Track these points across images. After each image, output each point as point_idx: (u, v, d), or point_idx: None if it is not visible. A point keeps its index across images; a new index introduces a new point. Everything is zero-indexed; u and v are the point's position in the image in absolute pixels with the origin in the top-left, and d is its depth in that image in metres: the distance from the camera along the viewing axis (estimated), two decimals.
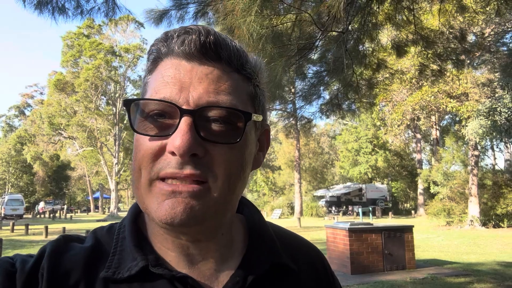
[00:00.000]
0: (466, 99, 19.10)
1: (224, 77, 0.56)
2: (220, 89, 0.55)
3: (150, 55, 0.60)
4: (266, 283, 0.62)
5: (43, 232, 16.57)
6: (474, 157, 20.85)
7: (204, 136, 0.52)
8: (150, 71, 0.60)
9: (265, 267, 0.62)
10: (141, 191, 0.55)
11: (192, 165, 0.52)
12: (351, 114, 7.07)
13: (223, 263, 0.62)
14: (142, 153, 0.54)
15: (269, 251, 0.65)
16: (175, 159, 0.52)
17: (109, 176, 38.59)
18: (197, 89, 0.54)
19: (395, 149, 39.09)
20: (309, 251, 0.75)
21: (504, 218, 19.69)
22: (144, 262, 0.57)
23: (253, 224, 0.69)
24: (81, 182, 57.67)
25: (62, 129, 39.00)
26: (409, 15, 5.16)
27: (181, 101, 0.53)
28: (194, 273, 0.59)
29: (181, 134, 0.50)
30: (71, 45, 37.87)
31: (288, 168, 43.93)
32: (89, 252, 0.60)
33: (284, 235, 0.74)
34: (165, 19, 4.74)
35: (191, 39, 0.55)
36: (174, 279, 0.57)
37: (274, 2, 2.82)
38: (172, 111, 0.53)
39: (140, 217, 0.66)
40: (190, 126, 0.51)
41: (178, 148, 0.50)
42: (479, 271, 8.40)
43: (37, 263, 0.57)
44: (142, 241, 0.61)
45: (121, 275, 0.57)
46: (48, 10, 3.61)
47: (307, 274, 0.69)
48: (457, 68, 7.88)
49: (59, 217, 34.72)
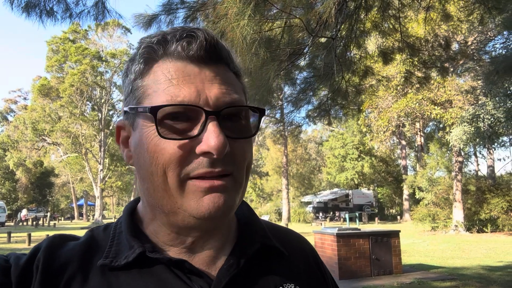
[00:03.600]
0: (450, 106, 19.45)
1: (227, 77, 0.59)
2: (229, 89, 0.58)
3: (140, 57, 0.59)
4: (258, 264, 0.65)
5: (26, 240, 16.22)
6: (458, 163, 21.20)
7: (227, 135, 0.55)
8: (142, 75, 0.59)
9: (256, 246, 0.65)
10: (171, 193, 0.56)
11: (221, 162, 0.55)
12: (338, 120, 7.14)
13: (219, 251, 0.64)
14: (168, 157, 0.55)
15: (259, 235, 0.68)
16: (206, 159, 0.54)
17: (94, 183, 38.01)
18: (212, 90, 0.56)
19: (380, 155, 39.51)
20: (299, 241, 0.78)
21: (488, 223, 20.03)
22: (141, 249, 0.58)
23: (243, 214, 0.72)
24: (65, 189, 56.66)
25: (46, 135, 38.31)
26: (395, 23, 5.26)
27: (201, 103, 0.55)
28: (192, 259, 0.61)
29: (215, 136, 0.53)
30: (56, 50, 37.35)
31: (275, 174, 44.01)
32: (85, 247, 0.61)
33: (275, 227, 0.77)
34: (154, 23, 4.72)
35: (199, 42, 0.57)
36: (171, 264, 0.58)
37: (267, 7, 2.85)
38: (194, 113, 0.55)
39: (135, 214, 0.67)
40: (219, 126, 0.54)
41: (215, 148, 0.53)
42: (464, 275, 8.52)
43: (32, 257, 0.58)
44: (139, 233, 0.63)
45: (119, 263, 0.58)
46: (36, 13, 3.57)
47: (298, 258, 0.72)
48: (441, 75, 8.03)
49: (42, 225, 34.04)
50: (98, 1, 3.79)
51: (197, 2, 4.53)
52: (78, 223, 40.42)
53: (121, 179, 47.03)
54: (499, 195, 19.49)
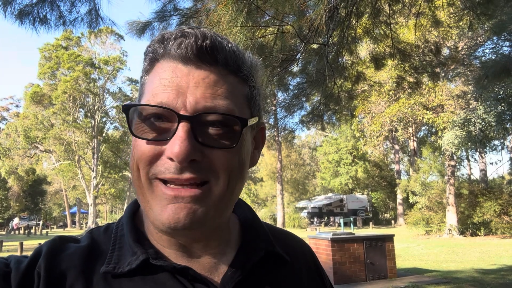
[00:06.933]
0: (442, 110, 19.63)
1: (221, 81, 0.56)
2: (217, 94, 0.55)
3: (146, 55, 0.60)
4: (262, 271, 0.64)
5: (18, 249, 15.98)
6: (451, 167, 21.35)
7: (202, 141, 0.53)
8: (147, 72, 0.60)
9: (260, 254, 0.64)
10: (144, 190, 0.55)
11: (190, 170, 0.52)
12: (331, 126, 7.19)
13: (222, 257, 0.63)
14: (140, 154, 0.55)
15: (263, 241, 0.67)
16: (173, 165, 0.52)
17: (87, 190, 37.70)
18: (194, 93, 0.54)
19: (374, 160, 39.67)
20: (300, 245, 0.78)
21: (481, 227, 20.14)
22: (144, 256, 0.57)
23: (246, 219, 0.71)
24: (57, 197, 56.07)
25: (39, 142, 37.99)
26: (386, 29, 5.32)
27: (178, 106, 0.53)
28: (194, 265, 0.60)
29: (180, 141, 0.51)
30: (48, 57, 37.19)
31: (270, 180, 43.95)
32: (86, 251, 0.60)
33: (277, 231, 0.76)
34: (147, 30, 4.74)
35: (188, 43, 0.55)
36: (175, 271, 0.57)
37: (259, 14, 2.89)
38: (169, 116, 0.54)
39: (137, 215, 0.66)
40: (188, 132, 0.52)
41: (176, 155, 0.51)
42: (458, 278, 8.57)
43: (33, 262, 0.57)
44: (141, 238, 0.62)
45: (122, 270, 0.57)
46: (29, 21, 3.58)
47: (300, 265, 0.72)
48: (432, 80, 8.13)
49: (35, 233, 33.61)
50: (91, 8, 3.80)
51: (190, 10, 4.56)
52: (71, 231, 39.99)
53: (115, 186, 46.69)
54: (492, 198, 19.63)
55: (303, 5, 3.14)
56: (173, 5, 4.62)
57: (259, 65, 0.64)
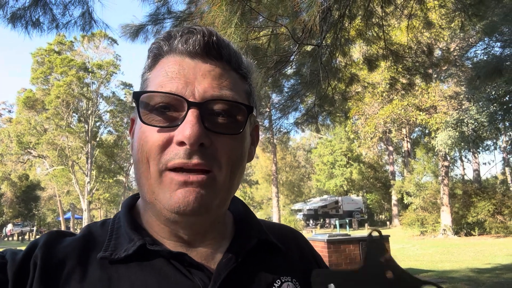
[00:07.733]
0: (435, 111, 19.77)
1: (225, 74, 0.60)
2: (223, 85, 0.58)
3: (150, 53, 0.63)
4: (255, 259, 0.66)
5: None
6: (444, 167, 21.47)
7: (209, 127, 0.55)
8: (150, 68, 0.62)
9: (253, 242, 0.66)
10: (151, 182, 0.57)
11: (199, 155, 0.55)
12: (326, 127, 7.21)
13: (217, 247, 0.65)
14: (150, 144, 0.56)
15: (256, 230, 0.69)
16: (183, 150, 0.54)
17: (81, 196, 37.42)
18: (202, 83, 0.57)
19: (368, 161, 39.82)
20: (295, 236, 0.79)
21: (475, 227, 20.25)
22: (141, 241, 0.59)
23: (239, 213, 0.74)
24: (51, 203, 55.57)
25: (32, 147, 37.67)
26: (379, 31, 5.36)
27: (187, 94, 0.56)
28: (191, 254, 0.62)
29: (191, 125, 0.53)
30: (41, 61, 36.96)
31: (265, 183, 43.94)
32: (82, 241, 0.61)
33: (271, 223, 0.79)
34: (141, 34, 4.74)
35: (196, 38, 0.59)
36: (171, 256, 0.59)
37: (253, 15, 2.90)
38: (178, 104, 0.56)
39: (134, 209, 0.68)
40: (198, 117, 0.54)
41: (188, 137, 0.53)
42: (454, 278, 8.60)
43: (29, 253, 0.58)
44: (138, 228, 0.63)
45: (118, 255, 0.58)
46: (22, 24, 3.56)
47: (293, 252, 0.74)
48: (425, 81, 8.20)
49: (28, 239, 33.29)
50: (85, 11, 3.80)
51: (184, 12, 4.57)
52: None
53: (109, 191, 46.38)
54: (485, 198, 19.76)
55: (297, 7, 3.16)
56: (166, 8, 4.62)
57: (254, 67, 0.69)
